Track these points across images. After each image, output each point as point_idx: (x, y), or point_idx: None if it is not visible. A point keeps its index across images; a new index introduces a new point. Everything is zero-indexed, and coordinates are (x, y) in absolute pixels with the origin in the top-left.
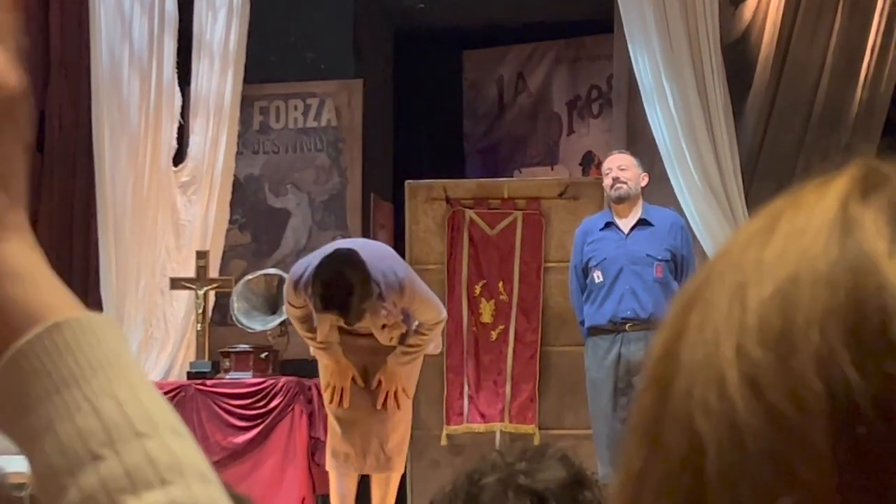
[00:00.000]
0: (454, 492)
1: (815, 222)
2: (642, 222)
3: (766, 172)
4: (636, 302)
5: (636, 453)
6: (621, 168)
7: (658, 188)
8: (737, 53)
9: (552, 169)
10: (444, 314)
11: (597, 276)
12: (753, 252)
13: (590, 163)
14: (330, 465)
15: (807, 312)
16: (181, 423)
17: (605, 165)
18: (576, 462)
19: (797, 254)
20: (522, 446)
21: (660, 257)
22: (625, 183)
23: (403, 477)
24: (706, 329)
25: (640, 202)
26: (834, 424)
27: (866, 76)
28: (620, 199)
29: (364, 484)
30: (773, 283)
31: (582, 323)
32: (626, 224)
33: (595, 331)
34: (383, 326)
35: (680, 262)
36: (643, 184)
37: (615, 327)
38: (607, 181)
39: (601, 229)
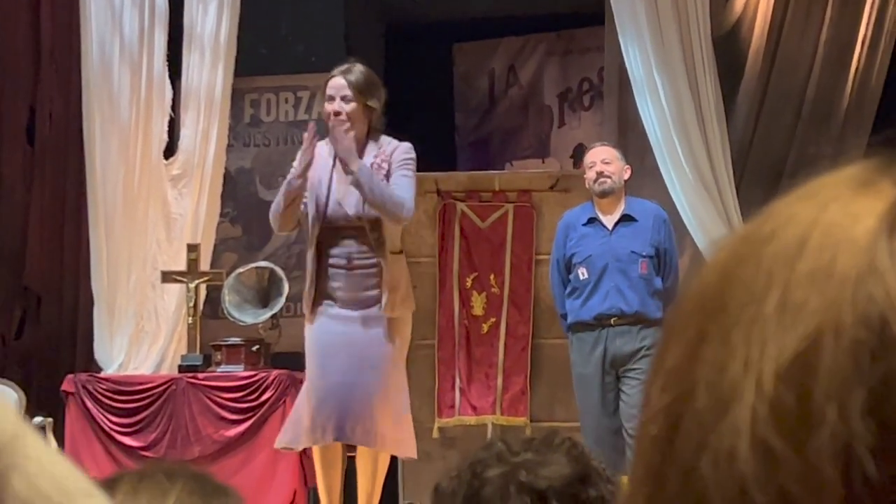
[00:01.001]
0: (458, 481)
1: (841, 262)
2: (626, 218)
3: (757, 165)
4: (622, 299)
5: (640, 489)
6: (605, 161)
7: (649, 180)
8: (728, 46)
9: (543, 161)
10: (412, 207)
11: (581, 273)
12: (776, 289)
13: (581, 155)
14: (303, 442)
15: (827, 384)
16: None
17: (588, 159)
18: (584, 454)
19: (821, 302)
20: (529, 435)
21: (644, 253)
22: (609, 177)
23: (395, 469)
24: (722, 377)
25: (624, 196)
26: None
27: (857, 69)
28: (604, 194)
29: (350, 477)
30: (792, 343)
31: (564, 316)
32: (609, 220)
33: (579, 326)
34: (371, 165)
35: (663, 256)
36: (626, 176)
37: (600, 323)
38: (590, 175)
39: (584, 224)
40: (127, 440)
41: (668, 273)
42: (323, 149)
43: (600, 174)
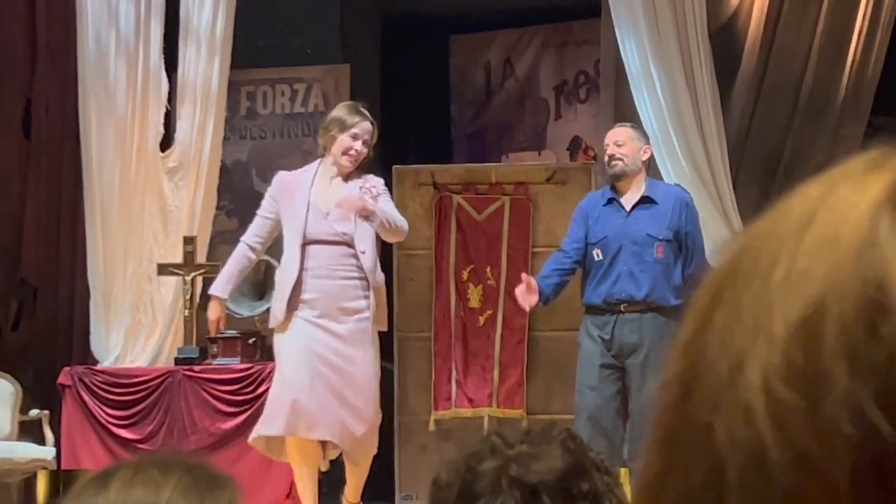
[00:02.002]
0: (454, 474)
1: (846, 232)
2: (645, 200)
3: (753, 157)
4: (633, 284)
5: (657, 455)
6: (617, 144)
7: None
8: (724, 38)
9: (540, 154)
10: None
11: (596, 254)
12: (784, 257)
13: (577, 148)
14: (281, 434)
15: (833, 346)
16: None
17: (605, 141)
18: (580, 446)
19: (826, 269)
20: (527, 427)
21: (661, 237)
22: (620, 159)
23: (391, 462)
24: (732, 340)
25: (643, 177)
26: (860, 471)
27: (853, 61)
28: (616, 177)
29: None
30: (799, 308)
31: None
32: (627, 201)
33: (590, 310)
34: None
35: (684, 241)
36: (644, 157)
37: (609, 307)
38: (606, 158)
39: (604, 205)
40: (123, 433)
41: (690, 258)
42: (297, 176)
43: (612, 157)
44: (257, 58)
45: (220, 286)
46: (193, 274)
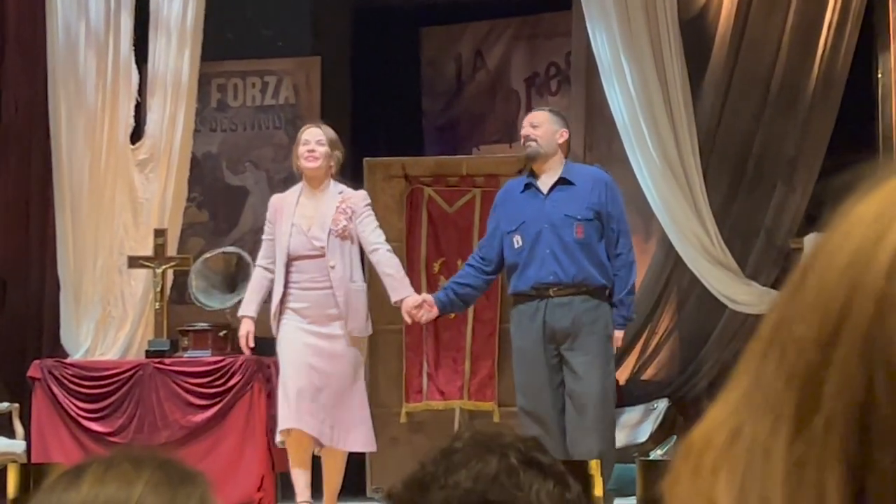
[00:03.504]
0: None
1: None
2: (562, 181)
3: (724, 149)
4: (557, 265)
5: (783, 402)
6: (532, 125)
7: (617, 165)
8: (695, 30)
9: (510, 146)
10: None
11: (516, 241)
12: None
13: None
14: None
15: None
16: None
17: (522, 123)
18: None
19: None
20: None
21: (580, 217)
22: (534, 140)
23: (363, 454)
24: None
25: (560, 160)
26: None
27: (823, 52)
28: (529, 158)
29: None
30: None
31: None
32: (544, 184)
33: (519, 297)
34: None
35: (607, 221)
36: (560, 140)
37: (538, 293)
38: (521, 140)
39: (521, 192)
40: (94, 426)
41: (617, 238)
42: (286, 197)
43: (526, 137)
44: (228, 50)
45: (246, 306)
46: (164, 266)
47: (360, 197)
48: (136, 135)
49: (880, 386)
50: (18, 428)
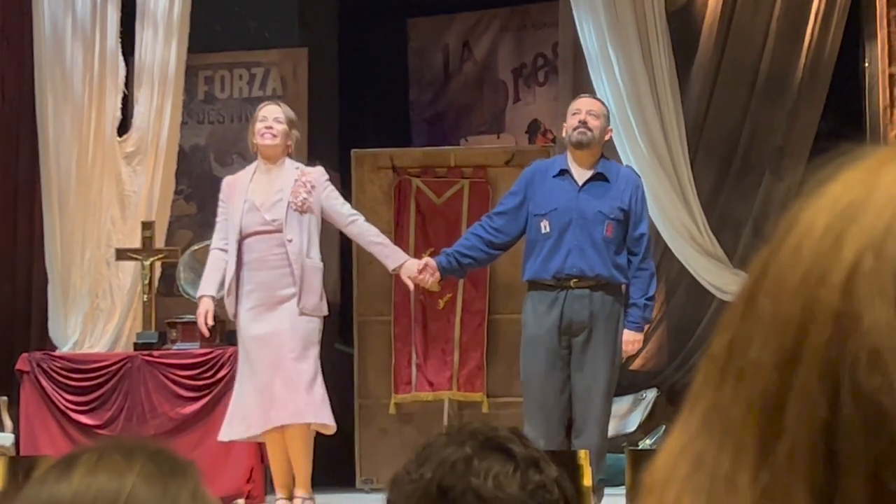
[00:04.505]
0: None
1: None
2: (599, 176)
3: (711, 138)
4: (583, 261)
5: (730, 328)
6: (591, 113)
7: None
8: (682, 20)
9: (498, 137)
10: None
11: (544, 226)
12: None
13: (536, 130)
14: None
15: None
16: None
17: (575, 105)
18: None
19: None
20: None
21: (612, 216)
22: (591, 129)
23: (352, 446)
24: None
25: (598, 155)
26: None
27: (810, 42)
28: (581, 145)
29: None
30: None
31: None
32: (580, 175)
33: (537, 285)
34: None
35: (632, 223)
36: (607, 137)
37: (559, 283)
38: (572, 122)
39: (555, 176)
40: (82, 418)
41: (639, 240)
42: (238, 177)
43: (583, 123)
44: (215, 42)
45: (205, 286)
46: (152, 259)
47: (319, 172)
48: (124, 127)
49: (845, 409)
50: (7, 421)
